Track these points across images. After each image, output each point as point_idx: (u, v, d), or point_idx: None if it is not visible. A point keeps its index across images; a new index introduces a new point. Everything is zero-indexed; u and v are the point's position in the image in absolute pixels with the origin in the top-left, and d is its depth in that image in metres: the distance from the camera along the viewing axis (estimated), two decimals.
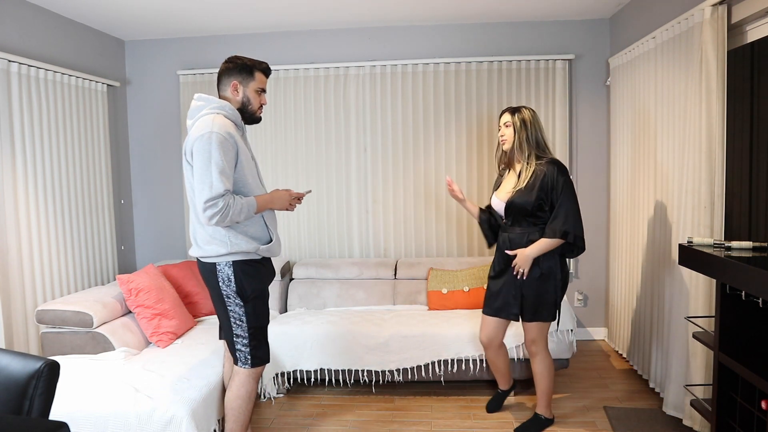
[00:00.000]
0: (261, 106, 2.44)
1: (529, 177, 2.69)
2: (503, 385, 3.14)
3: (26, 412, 1.70)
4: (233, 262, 2.32)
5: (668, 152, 3.07)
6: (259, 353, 2.41)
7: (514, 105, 4.10)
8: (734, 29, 2.65)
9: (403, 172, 4.25)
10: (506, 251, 2.77)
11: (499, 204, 2.84)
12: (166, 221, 4.51)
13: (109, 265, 4.08)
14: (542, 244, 2.67)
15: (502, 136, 2.81)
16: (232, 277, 2.32)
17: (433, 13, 3.92)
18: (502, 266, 2.82)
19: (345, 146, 4.28)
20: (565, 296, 3.50)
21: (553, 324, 3.21)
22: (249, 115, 2.43)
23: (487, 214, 2.99)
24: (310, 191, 2.64)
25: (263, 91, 2.43)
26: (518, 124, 2.73)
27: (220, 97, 2.41)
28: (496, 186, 2.94)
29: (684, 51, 2.87)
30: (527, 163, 2.72)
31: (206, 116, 2.27)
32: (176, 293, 3.50)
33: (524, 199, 2.69)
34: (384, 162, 4.26)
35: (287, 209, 2.47)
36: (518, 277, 2.73)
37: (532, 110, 2.78)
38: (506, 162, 2.89)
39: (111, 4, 3.53)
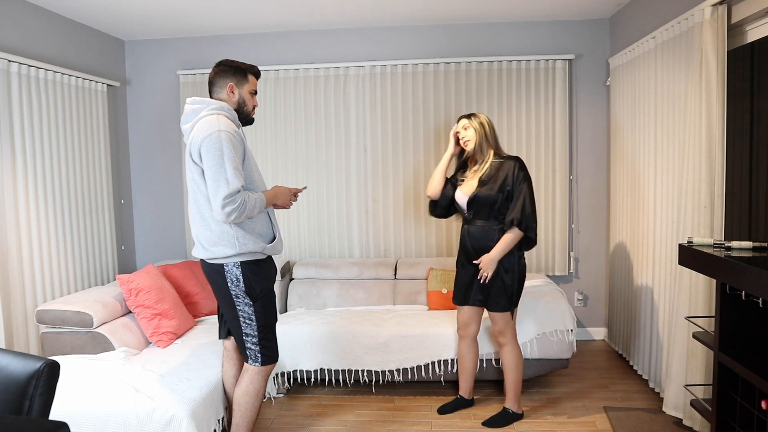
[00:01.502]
0: (254, 107, 2.50)
1: (491, 171, 2.84)
2: (464, 392, 3.15)
3: (26, 412, 1.70)
4: (241, 262, 2.33)
5: (668, 152, 3.06)
6: (269, 351, 2.45)
7: (514, 105, 4.14)
8: (734, 29, 2.65)
9: (403, 172, 4.25)
10: (473, 261, 2.89)
11: (462, 198, 2.94)
12: (166, 221, 4.51)
13: (109, 265, 4.07)
14: (504, 244, 2.80)
15: (464, 138, 2.92)
16: (241, 278, 2.34)
17: (433, 13, 3.92)
18: (465, 259, 2.96)
19: (345, 146, 4.28)
20: (565, 296, 3.52)
21: (554, 324, 3.24)
22: (244, 116, 2.47)
23: (446, 198, 3.03)
24: (305, 187, 2.67)
25: (255, 92, 2.49)
26: (477, 125, 2.88)
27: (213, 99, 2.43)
28: (453, 181, 3.03)
29: (684, 51, 2.87)
30: (486, 160, 2.87)
31: (209, 117, 2.28)
32: (176, 293, 3.50)
33: (486, 194, 2.83)
34: (384, 162, 4.26)
35: (286, 206, 2.51)
36: (482, 281, 2.85)
37: (486, 115, 2.96)
38: (466, 166, 2.99)
39: (111, 4, 3.53)
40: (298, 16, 3.93)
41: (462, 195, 2.94)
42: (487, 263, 2.82)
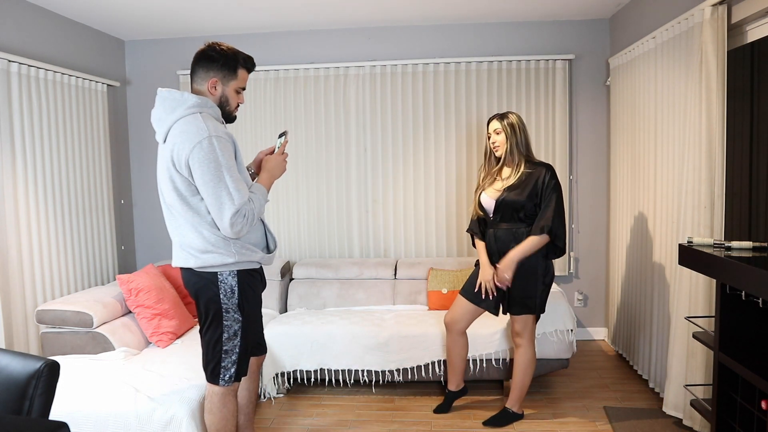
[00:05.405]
0: (237, 105, 2.21)
1: (519, 176, 2.80)
2: (452, 385, 3.12)
3: (26, 412, 1.70)
4: (238, 271, 2.13)
5: (668, 152, 3.07)
6: (243, 367, 2.21)
7: (514, 105, 4.14)
8: (734, 29, 2.65)
9: (403, 172, 4.26)
10: (496, 265, 2.84)
11: (489, 201, 2.90)
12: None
13: (109, 265, 4.07)
14: (527, 245, 2.77)
15: (494, 143, 2.87)
16: (236, 289, 2.12)
17: (433, 13, 3.92)
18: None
19: (345, 146, 4.28)
20: (565, 296, 3.52)
21: (554, 324, 3.24)
22: (225, 115, 2.18)
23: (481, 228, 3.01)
24: (285, 132, 2.37)
25: (243, 89, 2.19)
26: (509, 130, 2.82)
27: (193, 88, 2.14)
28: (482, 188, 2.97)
29: (684, 51, 2.87)
30: (517, 166, 2.83)
31: (189, 117, 2.02)
32: (176, 293, 3.50)
33: (514, 198, 2.79)
34: (384, 162, 4.26)
35: (284, 171, 2.32)
36: (504, 289, 2.83)
37: (517, 114, 2.88)
38: (495, 171, 2.92)
39: (111, 4, 3.53)
40: (298, 16, 3.93)
41: (488, 198, 2.89)
42: (506, 264, 2.77)
